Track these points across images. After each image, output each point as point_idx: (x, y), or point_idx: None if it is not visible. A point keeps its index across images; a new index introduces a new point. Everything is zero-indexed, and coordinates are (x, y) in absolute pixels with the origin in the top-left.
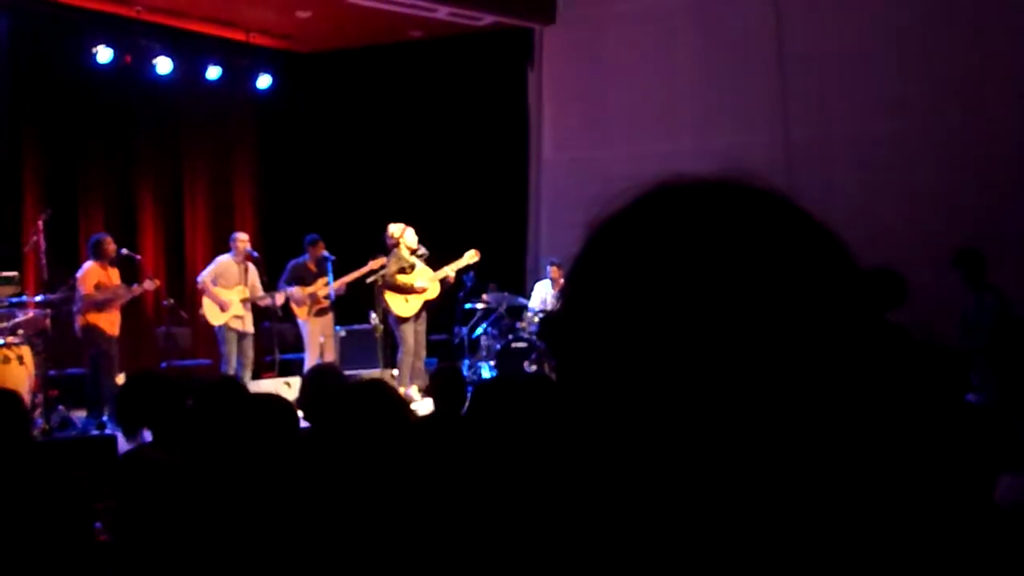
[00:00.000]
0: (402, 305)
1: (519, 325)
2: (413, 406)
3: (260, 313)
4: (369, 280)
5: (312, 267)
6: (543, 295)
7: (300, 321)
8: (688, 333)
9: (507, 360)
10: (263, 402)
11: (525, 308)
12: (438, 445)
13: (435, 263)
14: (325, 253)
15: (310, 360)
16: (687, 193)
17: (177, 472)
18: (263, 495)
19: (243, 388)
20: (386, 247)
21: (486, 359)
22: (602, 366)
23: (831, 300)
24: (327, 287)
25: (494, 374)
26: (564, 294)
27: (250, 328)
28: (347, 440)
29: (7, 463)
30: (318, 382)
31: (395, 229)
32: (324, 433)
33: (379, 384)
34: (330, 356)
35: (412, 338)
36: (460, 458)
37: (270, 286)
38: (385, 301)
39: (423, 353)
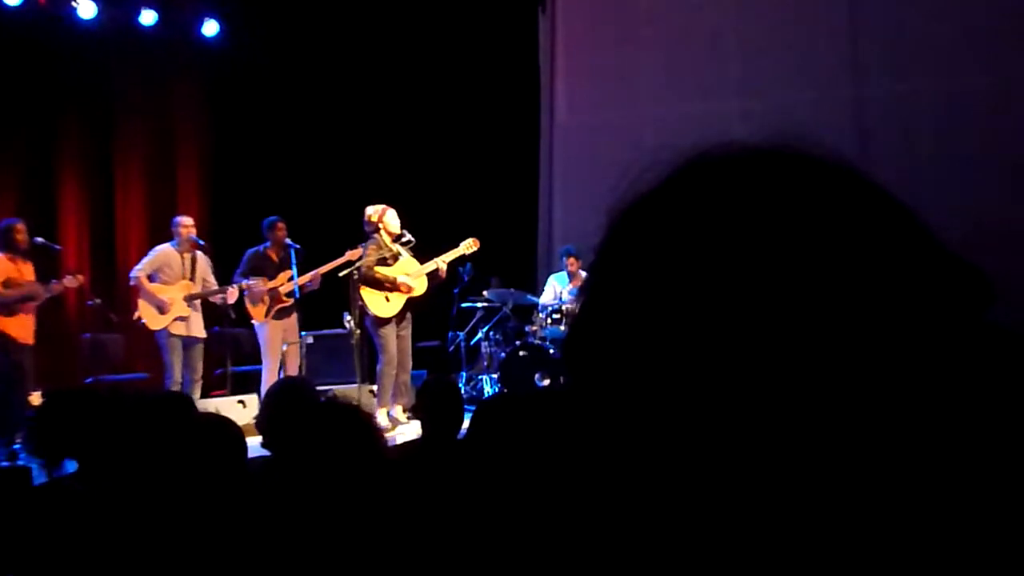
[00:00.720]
0: (382, 304)
1: (528, 328)
2: (398, 430)
3: (211, 315)
4: (343, 274)
5: (273, 257)
6: (557, 291)
7: (257, 324)
8: (742, 342)
9: (514, 372)
10: (206, 428)
11: (535, 307)
12: (427, 479)
13: (424, 253)
14: (289, 241)
15: (268, 373)
16: (735, 165)
17: (104, 509)
18: (204, 540)
19: (192, 407)
20: (363, 234)
21: (488, 371)
22: (633, 386)
23: (918, 304)
24: (291, 282)
25: (498, 390)
26: (584, 293)
27: (199, 333)
28: (313, 474)
29: None
30: (283, 402)
31: (374, 211)
32: (288, 464)
33: (348, 410)
34: (293, 368)
35: (395, 345)
36: (455, 496)
37: (223, 280)
38: (362, 299)
39: (409, 364)
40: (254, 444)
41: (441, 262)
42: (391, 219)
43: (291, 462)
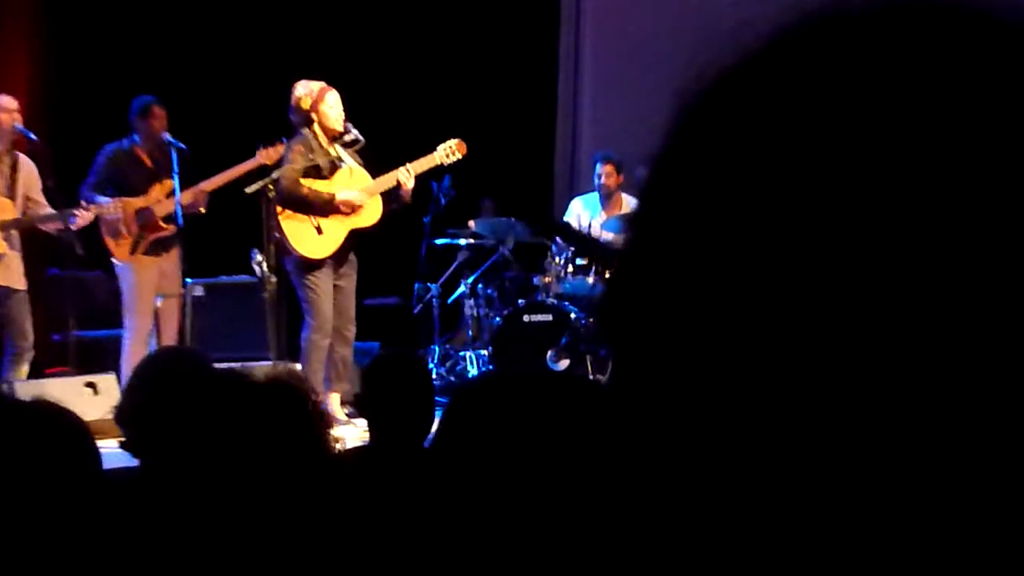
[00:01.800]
0: (312, 238)
1: (538, 280)
2: (337, 430)
3: (45, 252)
4: (252, 189)
5: (145, 160)
6: (584, 221)
7: (119, 265)
8: (877, 293)
9: (514, 346)
10: (28, 426)
11: (549, 247)
12: (375, 511)
13: (382, 163)
14: (169, 136)
15: (134, 339)
16: (858, 29)
17: None
18: None
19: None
20: (286, 127)
21: (474, 344)
22: (724, 372)
23: None
24: (171, 200)
25: (486, 371)
26: (632, 227)
27: (15, 282)
28: (208, 492)
29: None
30: (159, 384)
31: (304, 91)
32: (168, 481)
33: (282, 387)
34: (172, 333)
35: (330, 302)
36: (415, 538)
37: (65, 198)
38: (281, 230)
39: (352, 332)
40: (111, 448)
41: (405, 174)
42: (331, 106)
43: (172, 477)
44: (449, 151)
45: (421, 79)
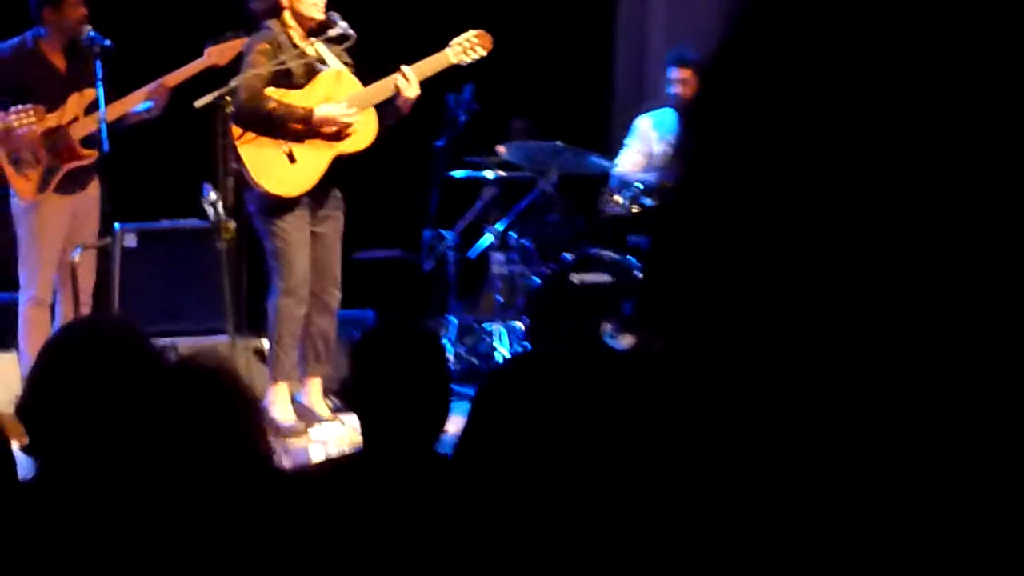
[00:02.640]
0: (282, 170)
1: (589, 223)
2: (313, 433)
3: None
4: (200, 103)
5: (56, 61)
6: (655, 147)
7: (20, 205)
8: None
9: (557, 314)
10: None
11: (606, 182)
12: (367, 530)
13: (378, 68)
14: (91, 31)
15: (37, 305)
16: None
17: None
18: None
19: None
20: (245, 19)
21: (504, 314)
22: (810, 347)
23: None
24: (92, 116)
25: (522, 350)
26: (683, 157)
27: None
28: (127, 509)
29: None
30: (73, 366)
31: None
32: (76, 489)
33: (199, 376)
34: (88, 297)
35: (306, 256)
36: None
37: None
38: (241, 160)
39: (336, 297)
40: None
41: (406, 77)
42: None
43: (82, 484)
44: (468, 46)
45: None
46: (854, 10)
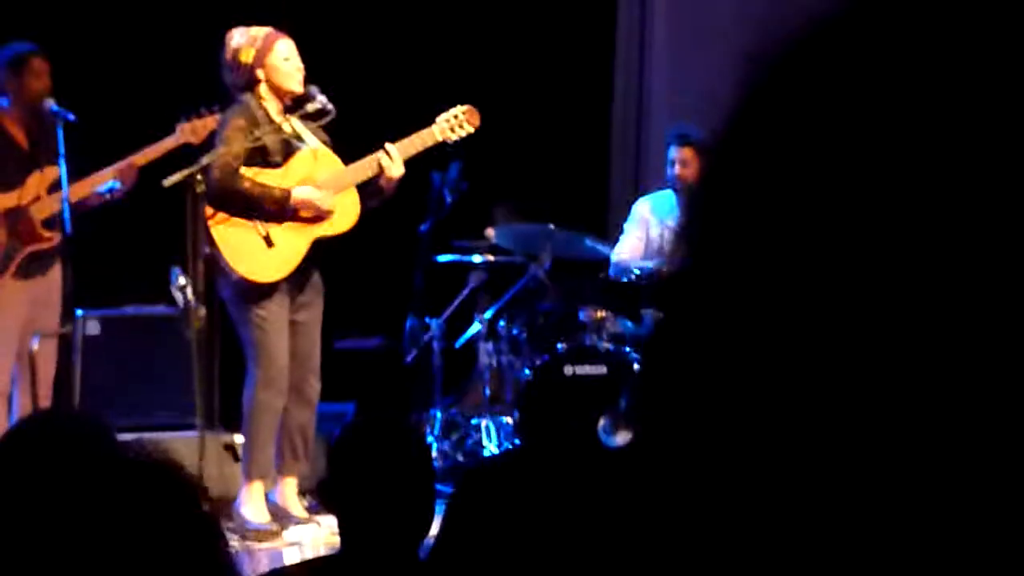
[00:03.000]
0: (258, 254)
1: (586, 314)
2: (287, 535)
3: None
4: (170, 182)
5: (17, 135)
6: (653, 232)
7: None
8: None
9: (549, 408)
10: None
11: (603, 264)
12: None
13: (359, 145)
14: (53, 105)
15: None
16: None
17: None
18: None
19: None
20: (221, 92)
21: (491, 405)
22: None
23: None
24: (55, 195)
25: (510, 447)
26: (690, 225)
27: None
28: None
29: None
30: (28, 469)
31: (245, 39)
32: None
33: (160, 478)
34: (47, 388)
35: (284, 346)
36: None
37: None
38: (214, 243)
39: (315, 389)
40: None
41: (389, 155)
42: (285, 58)
43: None
44: (455, 123)
45: (413, 22)
46: (869, 87)
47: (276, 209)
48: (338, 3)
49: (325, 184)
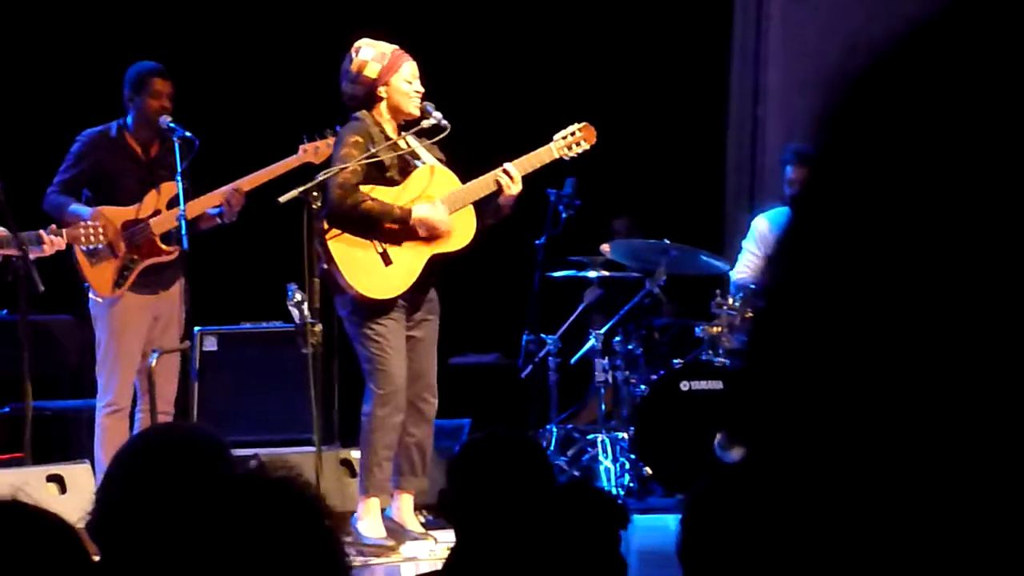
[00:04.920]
0: (376, 271)
1: (702, 330)
2: (404, 550)
3: None
4: (286, 199)
5: (139, 152)
6: (769, 243)
7: (97, 303)
8: None
9: (665, 424)
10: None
11: (722, 284)
12: None
13: (472, 161)
14: (170, 121)
15: (113, 412)
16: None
17: None
18: None
19: None
20: (340, 110)
21: (607, 421)
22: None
23: None
24: (172, 211)
25: (627, 466)
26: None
27: None
28: None
29: None
30: (148, 481)
31: (371, 53)
32: None
33: (286, 495)
34: (168, 403)
35: (401, 362)
36: None
37: (26, 214)
38: (331, 258)
39: (432, 403)
40: None
41: (508, 174)
42: (407, 79)
43: None
44: (572, 140)
45: (530, 40)
46: (977, 90)
47: (396, 228)
48: (456, 20)
49: (442, 202)
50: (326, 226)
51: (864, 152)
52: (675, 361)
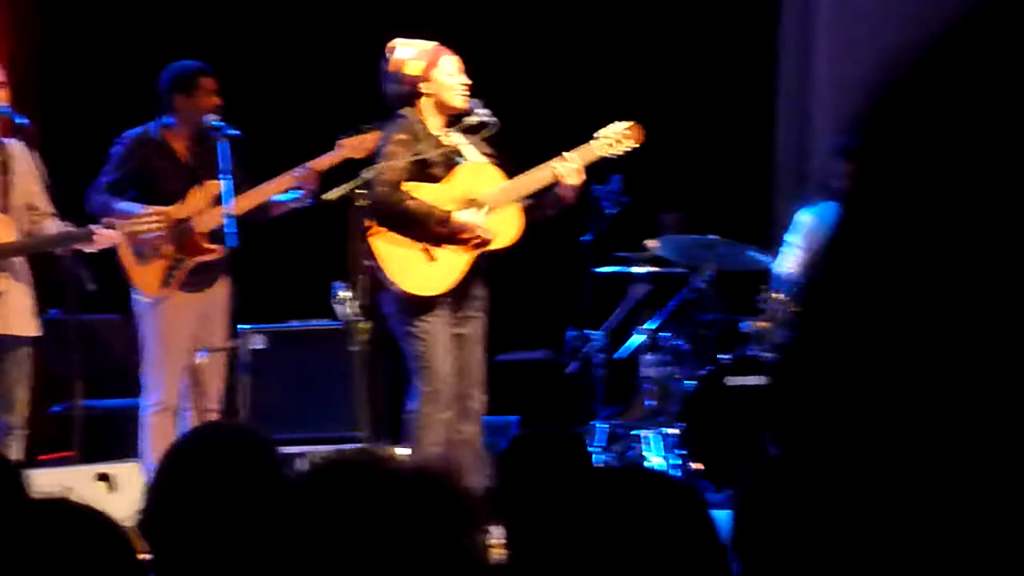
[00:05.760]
0: (421, 268)
1: (749, 326)
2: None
3: (45, 286)
4: (331, 196)
5: (181, 151)
6: (818, 235)
7: (143, 302)
8: None
9: (713, 420)
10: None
11: (767, 279)
12: None
13: (521, 159)
14: (215, 120)
15: (161, 410)
16: None
17: None
18: None
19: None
20: (381, 105)
21: (654, 416)
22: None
23: None
24: (217, 208)
25: (678, 462)
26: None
27: (22, 327)
28: None
29: None
30: (198, 478)
31: (411, 51)
32: None
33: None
34: (215, 401)
35: (447, 359)
36: None
37: (70, 207)
38: (376, 257)
39: (480, 400)
40: None
41: (558, 168)
42: (450, 74)
43: None
44: (617, 139)
45: (578, 37)
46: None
47: (437, 227)
48: (501, 17)
49: (490, 198)
50: (371, 225)
51: (905, 153)
52: (722, 357)
